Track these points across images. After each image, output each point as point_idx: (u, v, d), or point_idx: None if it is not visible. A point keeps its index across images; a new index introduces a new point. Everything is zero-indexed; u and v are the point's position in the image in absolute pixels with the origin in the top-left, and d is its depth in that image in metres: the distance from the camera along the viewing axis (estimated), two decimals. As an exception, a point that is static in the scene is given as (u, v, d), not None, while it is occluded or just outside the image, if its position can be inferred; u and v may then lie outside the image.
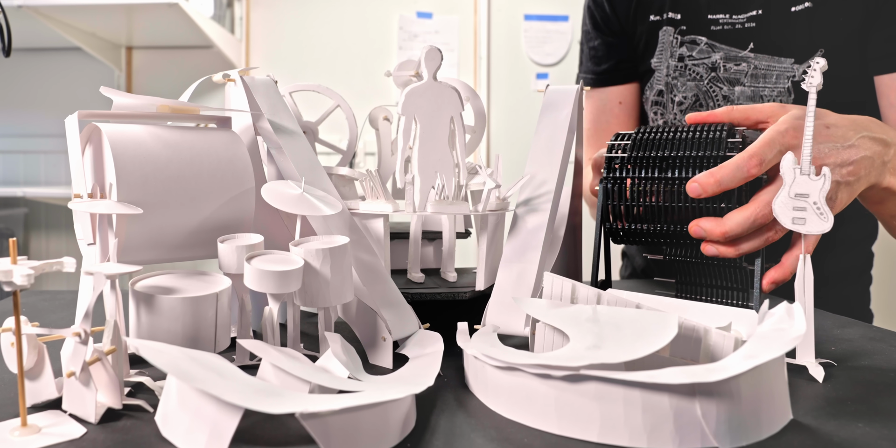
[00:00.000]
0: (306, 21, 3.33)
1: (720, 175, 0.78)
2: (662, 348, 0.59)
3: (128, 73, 3.31)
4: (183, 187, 0.71)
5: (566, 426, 0.54)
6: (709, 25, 1.27)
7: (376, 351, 0.74)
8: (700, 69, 1.28)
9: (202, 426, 0.50)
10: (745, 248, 0.80)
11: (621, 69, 1.42)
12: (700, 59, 1.28)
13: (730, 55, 1.26)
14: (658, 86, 1.35)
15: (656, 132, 0.87)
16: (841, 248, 1.32)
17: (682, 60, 1.30)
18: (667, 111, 1.34)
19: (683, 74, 1.30)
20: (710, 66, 1.28)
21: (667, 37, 1.31)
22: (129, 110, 0.76)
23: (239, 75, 0.82)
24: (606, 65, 1.43)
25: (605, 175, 0.87)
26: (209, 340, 0.65)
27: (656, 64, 1.35)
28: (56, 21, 2.70)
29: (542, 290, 0.72)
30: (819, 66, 0.70)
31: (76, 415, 0.56)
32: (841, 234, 1.26)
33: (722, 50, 1.26)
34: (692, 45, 1.29)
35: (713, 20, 1.27)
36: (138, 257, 0.70)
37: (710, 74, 1.28)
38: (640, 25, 1.36)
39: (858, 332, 0.86)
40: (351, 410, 0.49)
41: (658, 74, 1.35)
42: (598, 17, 1.42)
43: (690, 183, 0.79)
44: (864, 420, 0.57)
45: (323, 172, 0.80)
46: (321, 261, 0.66)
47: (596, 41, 1.44)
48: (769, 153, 0.78)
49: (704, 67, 1.28)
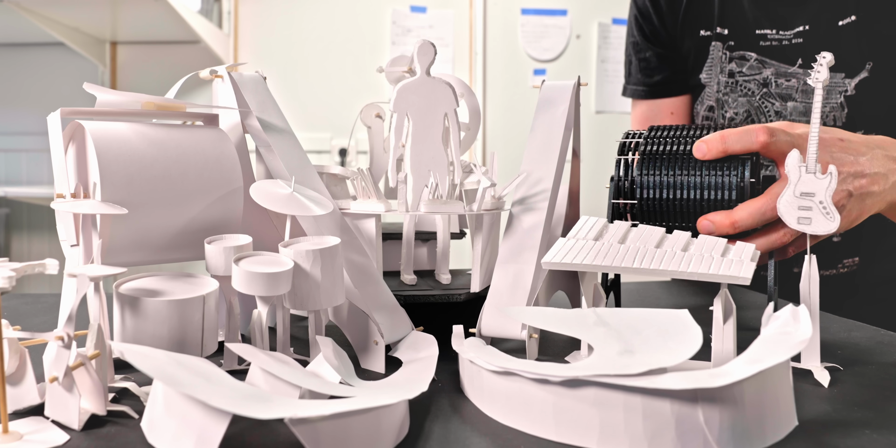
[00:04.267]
0: (296, 15, 3.33)
1: (727, 134, 0.78)
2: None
3: (112, 69, 3.30)
4: (169, 187, 0.71)
5: (564, 433, 0.54)
6: (757, 41, 1.29)
7: (368, 355, 0.74)
8: (752, 85, 1.29)
9: (189, 432, 0.50)
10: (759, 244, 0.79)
11: (674, 81, 1.43)
12: (751, 75, 1.29)
13: (780, 71, 1.27)
14: (708, 101, 1.36)
15: (668, 131, 0.87)
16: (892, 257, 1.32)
17: (733, 76, 1.32)
18: (718, 127, 1.34)
19: (735, 90, 1.31)
20: (761, 82, 1.28)
21: (716, 52, 1.32)
22: (114, 107, 0.76)
23: (227, 71, 0.82)
24: (659, 76, 1.44)
25: (616, 173, 0.86)
26: (196, 344, 0.65)
27: (706, 79, 1.36)
28: (38, 15, 2.70)
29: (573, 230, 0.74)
30: (825, 61, 0.70)
31: (59, 421, 0.56)
32: (888, 244, 1.27)
33: (772, 66, 1.27)
34: (741, 61, 1.30)
35: (761, 35, 1.28)
36: (123, 259, 0.70)
37: (762, 90, 1.29)
38: (688, 40, 1.37)
39: (865, 336, 0.86)
40: (342, 416, 0.49)
41: (708, 90, 1.36)
42: (646, 29, 1.43)
43: (697, 143, 0.80)
44: (871, 426, 0.57)
45: (313, 171, 0.80)
46: (311, 262, 0.66)
47: (647, 52, 1.44)
48: (779, 132, 0.78)
49: (756, 83, 1.29)
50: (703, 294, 1.14)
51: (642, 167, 0.83)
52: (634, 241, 0.70)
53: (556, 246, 0.71)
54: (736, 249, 0.68)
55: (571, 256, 0.68)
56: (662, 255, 0.67)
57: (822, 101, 1.22)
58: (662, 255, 0.67)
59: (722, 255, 0.67)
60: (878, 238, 1.28)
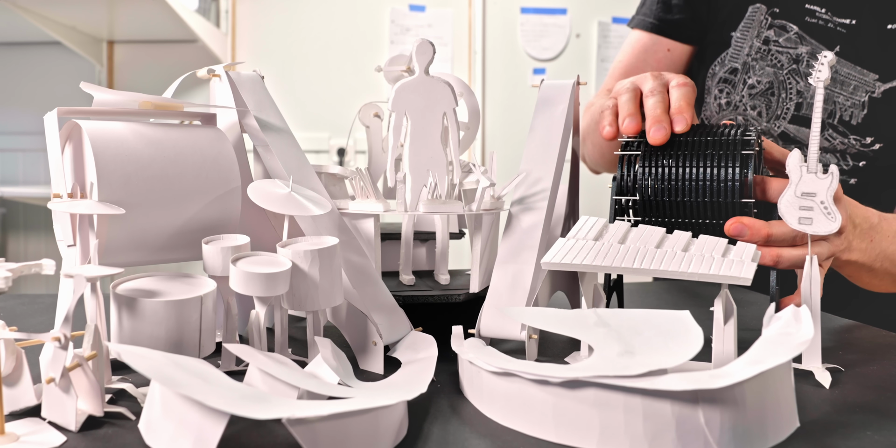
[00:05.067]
0: (295, 14, 3.33)
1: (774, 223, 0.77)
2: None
3: (109, 69, 3.30)
4: (166, 187, 0.71)
5: (564, 434, 0.54)
6: (804, 15, 1.25)
7: (367, 356, 0.74)
8: (783, 58, 1.26)
9: (187, 433, 0.50)
10: (785, 257, 0.78)
11: (690, 27, 1.35)
12: (786, 47, 1.25)
13: (816, 52, 1.24)
14: (733, 63, 1.31)
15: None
16: None
17: (767, 43, 1.27)
18: (734, 91, 1.31)
19: (765, 58, 1.27)
20: (793, 57, 1.25)
21: (757, 15, 1.28)
22: (111, 107, 0.76)
23: (224, 70, 0.82)
24: (679, 16, 1.35)
25: (619, 171, 0.86)
26: (193, 345, 0.65)
27: (739, 39, 1.30)
28: (34, 14, 2.69)
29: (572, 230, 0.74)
30: (827, 61, 0.70)
31: (56, 422, 0.56)
32: None
33: (810, 44, 1.24)
34: (781, 30, 1.26)
35: (810, 11, 1.25)
36: (120, 259, 0.70)
37: (791, 66, 1.25)
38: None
39: (867, 337, 0.86)
40: (340, 417, 0.49)
41: (735, 51, 1.30)
42: None
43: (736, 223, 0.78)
44: (872, 428, 0.57)
45: (311, 171, 0.80)
46: (310, 263, 0.66)
47: None
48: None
49: (788, 57, 1.25)
50: (704, 295, 1.14)
51: (644, 162, 0.83)
52: (634, 242, 0.70)
53: (556, 246, 0.71)
54: (737, 250, 0.68)
55: (571, 257, 0.68)
56: (663, 255, 0.67)
57: (825, 100, 1.22)
58: (663, 256, 0.67)
59: (723, 255, 0.67)
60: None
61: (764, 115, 1.27)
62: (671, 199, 0.82)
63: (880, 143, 1.20)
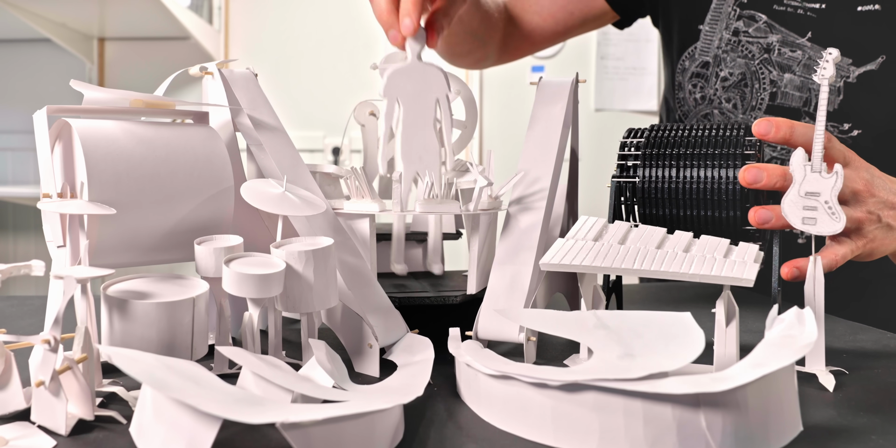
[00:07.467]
0: (289, 11, 3.33)
1: (798, 124, 0.75)
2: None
3: (100, 66, 3.30)
4: (158, 186, 0.71)
5: (563, 438, 0.54)
6: (772, 4, 1.26)
7: (362, 359, 0.74)
8: (753, 48, 1.26)
9: (179, 438, 0.50)
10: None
11: (644, 5, 1.39)
12: (756, 37, 1.26)
13: (787, 40, 1.24)
14: (704, 57, 1.33)
15: (671, 130, 0.87)
16: None
17: (737, 35, 1.28)
18: (708, 85, 1.32)
19: (735, 50, 1.28)
20: (764, 46, 1.25)
21: (725, 6, 1.29)
22: (101, 105, 0.76)
23: (217, 68, 0.82)
24: None
25: (618, 173, 0.86)
26: (186, 348, 0.65)
27: (708, 32, 1.32)
28: (23, 10, 2.69)
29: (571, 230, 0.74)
30: (832, 58, 0.70)
31: (45, 426, 0.56)
32: None
33: (780, 33, 1.24)
34: (750, 21, 1.26)
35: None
36: (111, 260, 0.70)
37: (763, 55, 1.26)
38: None
39: (871, 339, 0.86)
40: (335, 421, 0.49)
41: (705, 44, 1.32)
42: None
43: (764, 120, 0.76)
44: (877, 432, 0.57)
45: (306, 170, 0.80)
46: (304, 264, 0.66)
47: None
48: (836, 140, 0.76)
49: (759, 47, 1.26)
50: (706, 296, 1.14)
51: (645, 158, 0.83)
52: (635, 242, 0.70)
53: (555, 247, 0.71)
54: (739, 250, 0.68)
55: (570, 257, 0.68)
56: (663, 256, 0.67)
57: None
58: (663, 257, 0.67)
59: (724, 256, 0.67)
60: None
61: (739, 106, 1.28)
62: (673, 184, 0.82)
63: (858, 129, 1.20)
